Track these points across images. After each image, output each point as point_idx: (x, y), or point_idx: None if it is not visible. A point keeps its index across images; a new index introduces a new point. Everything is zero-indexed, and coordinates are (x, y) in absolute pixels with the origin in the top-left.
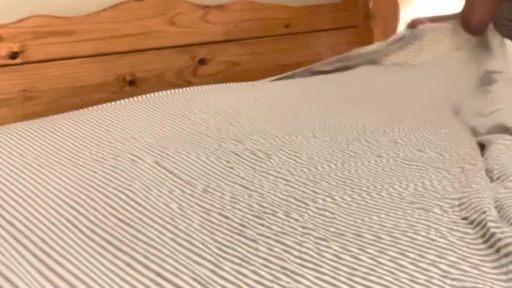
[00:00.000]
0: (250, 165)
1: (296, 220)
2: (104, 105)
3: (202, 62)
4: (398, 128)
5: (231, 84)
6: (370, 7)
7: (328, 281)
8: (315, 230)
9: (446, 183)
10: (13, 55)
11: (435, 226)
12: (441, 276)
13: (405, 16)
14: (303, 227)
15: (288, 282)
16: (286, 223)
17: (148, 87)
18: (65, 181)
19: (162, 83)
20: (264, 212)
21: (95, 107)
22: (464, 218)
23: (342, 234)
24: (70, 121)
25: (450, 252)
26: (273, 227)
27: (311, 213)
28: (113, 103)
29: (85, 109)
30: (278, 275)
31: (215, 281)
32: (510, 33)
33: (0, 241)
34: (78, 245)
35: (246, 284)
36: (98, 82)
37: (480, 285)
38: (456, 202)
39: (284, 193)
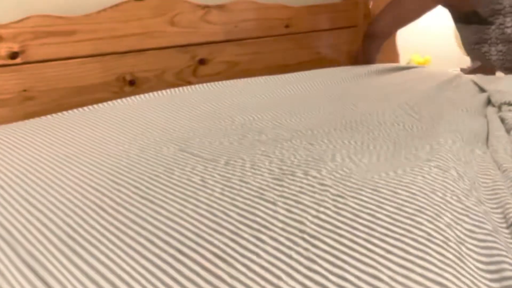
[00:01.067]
0: (272, 146)
1: (314, 177)
2: (119, 101)
3: (202, 62)
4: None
5: (253, 79)
6: (370, 7)
7: (346, 245)
8: (332, 186)
9: (459, 145)
10: (13, 55)
11: (452, 188)
12: (457, 242)
13: None
14: (321, 184)
15: (306, 249)
16: (304, 181)
17: (148, 87)
18: (91, 168)
19: (162, 83)
20: (283, 174)
21: (109, 102)
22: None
23: (360, 189)
24: (91, 115)
25: (466, 218)
26: (292, 187)
27: (328, 168)
28: (132, 98)
29: (101, 105)
30: (297, 239)
31: (235, 250)
32: (478, 55)
33: (28, 226)
34: (102, 226)
35: (265, 251)
36: (98, 82)
37: (494, 251)
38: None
39: (303, 156)
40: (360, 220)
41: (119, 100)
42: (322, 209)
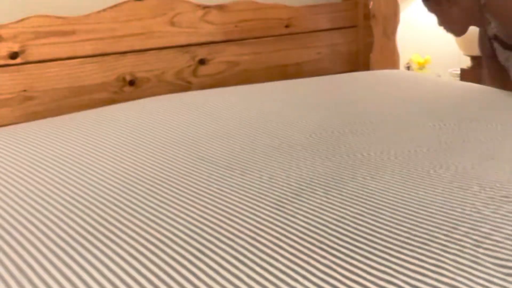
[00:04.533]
0: (287, 154)
1: (335, 196)
2: (124, 104)
3: (202, 62)
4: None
5: (258, 84)
6: (370, 7)
7: (363, 255)
8: (352, 206)
9: (488, 165)
10: (13, 55)
11: (471, 202)
12: (474, 245)
13: (405, 16)
14: (341, 203)
15: (324, 257)
16: (324, 199)
17: (148, 87)
18: (105, 171)
19: (162, 83)
20: (302, 189)
21: (114, 105)
22: (504, 196)
23: (380, 209)
24: (97, 118)
25: (483, 224)
26: (312, 203)
27: (349, 188)
28: (136, 101)
29: (108, 107)
30: (315, 248)
31: (254, 254)
32: None
33: (47, 222)
34: (122, 223)
35: (284, 257)
36: (98, 82)
37: None
38: (498, 184)
39: (323, 174)
40: (378, 235)
41: (124, 103)
42: (341, 224)
